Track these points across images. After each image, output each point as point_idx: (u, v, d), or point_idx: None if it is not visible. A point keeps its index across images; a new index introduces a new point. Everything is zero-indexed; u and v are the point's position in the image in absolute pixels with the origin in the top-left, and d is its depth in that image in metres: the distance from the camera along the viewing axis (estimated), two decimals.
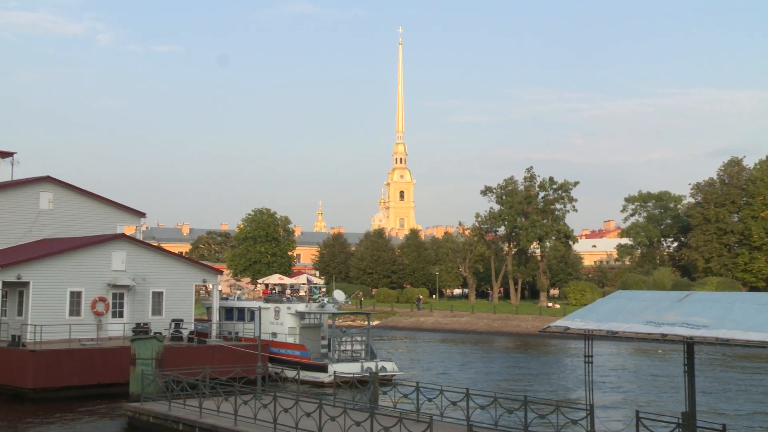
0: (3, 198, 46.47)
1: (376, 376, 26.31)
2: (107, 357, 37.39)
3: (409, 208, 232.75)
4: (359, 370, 39.46)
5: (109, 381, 36.36)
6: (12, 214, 46.16)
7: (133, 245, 44.50)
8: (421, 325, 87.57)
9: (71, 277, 41.19)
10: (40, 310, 39.85)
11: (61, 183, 48.44)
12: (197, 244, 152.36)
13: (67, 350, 37.23)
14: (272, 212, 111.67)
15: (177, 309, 44.53)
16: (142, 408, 28.11)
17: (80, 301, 41.48)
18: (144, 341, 32.73)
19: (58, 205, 47.86)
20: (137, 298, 43.44)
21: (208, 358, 38.19)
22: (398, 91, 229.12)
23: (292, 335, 44.37)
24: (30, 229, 46.47)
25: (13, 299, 40.78)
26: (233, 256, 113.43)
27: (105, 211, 49.78)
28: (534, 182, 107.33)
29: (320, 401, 22.11)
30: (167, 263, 45.59)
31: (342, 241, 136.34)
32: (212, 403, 25.58)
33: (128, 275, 42.98)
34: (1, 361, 37.31)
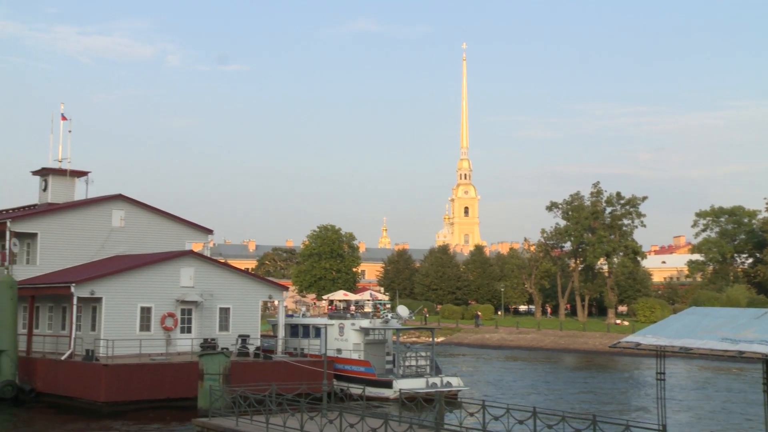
0: (78, 216, 47.81)
1: (442, 394, 26.12)
2: (176, 372, 37.97)
3: (474, 224, 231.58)
4: (424, 385, 39.28)
5: (177, 396, 36.89)
6: (86, 232, 47.42)
7: (201, 262, 45.21)
8: (486, 342, 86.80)
9: (142, 293, 42.03)
10: (112, 325, 40.73)
11: (132, 201, 49.61)
12: (263, 261, 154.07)
13: (137, 365, 37.96)
14: (337, 229, 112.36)
15: (243, 325, 45.03)
16: (210, 423, 28.41)
17: (150, 316, 42.28)
18: (211, 357, 33.20)
19: (130, 223, 48.99)
20: (205, 314, 44.08)
21: (273, 374, 38.45)
22: (462, 107, 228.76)
23: (357, 351, 44.41)
24: (103, 246, 47.65)
25: (87, 314, 41.79)
26: (298, 273, 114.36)
27: (174, 228, 50.76)
28: (601, 197, 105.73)
29: (386, 418, 22.03)
30: (234, 279, 46.17)
31: (406, 257, 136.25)
32: (279, 419, 25.71)
33: (196, 291, 43.65)
34: (76, 374, 38.25)
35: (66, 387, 38.58)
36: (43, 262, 45.99)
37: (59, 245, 46.52)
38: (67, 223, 47.22)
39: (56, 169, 51.80)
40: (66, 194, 51.64)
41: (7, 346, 40.30)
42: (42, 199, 51.93)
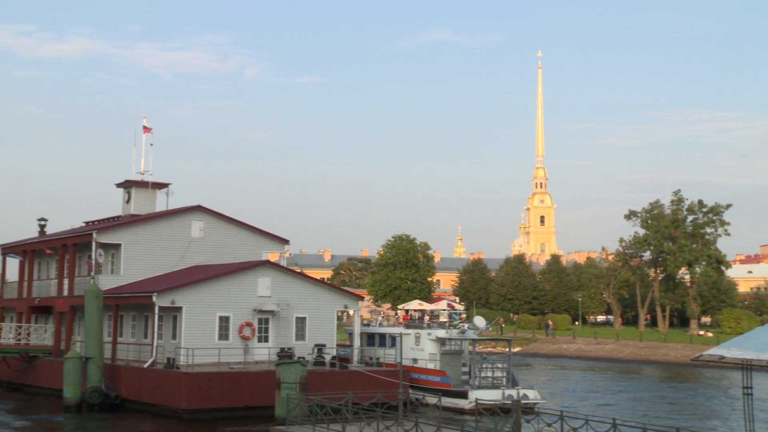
0: (159, 227, 49.03)
1: (519, 404, 25.82)
2: (254, 380, 38.48)
3: (550, 233, 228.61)
4: (500, 397, 38.88)
5: (255, 404, 37.38)
6: (167, 242, 48.57)
7: (278, 271, 45.78)
8: (563, 352, 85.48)
9: (220, 302, 42.78)
10: (191, 333, 41.55)
11: (210, 212, 50.60)
12: (338, 270, 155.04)
13: (217, 373, 38.62)
14: (412, 238, 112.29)
15: (320, 334, 45.38)
16: (287, 431, 28.71)
17: (228, 325, 42.96)
18: (288, 366, 33.53)
19: (208, 233, 49.97)
20: (281, 323, 44.59)
21: (349, 383, 38.61)
22: (538, 115, 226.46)
23: (433, 361, 44.27)
24: (183, 256, 48.72)
25: (168, 323, 42.75)
26: (374, 282, 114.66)
27: (251, 239, 51.54)
28: (682, 205, 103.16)
29: (462, 428, 21.88)
30: (310, 289, 46.58)
31: (482, 266, 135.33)
32: (355, 428, 25.81)
33: (273, 301, 44.20)
34: (158, 382, 39.16)
35: (148, 394, 39.53)
36: (127, 272, 47.29)
37: (142, 255, 47.75)
38: (149, 234, 48.45)
39: (138, 181, 53.24)
40: (148, 206, 53.02)
41: (94, 354, 41.53)
42: (125, 211, 53.43)
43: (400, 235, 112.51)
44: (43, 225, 57.82)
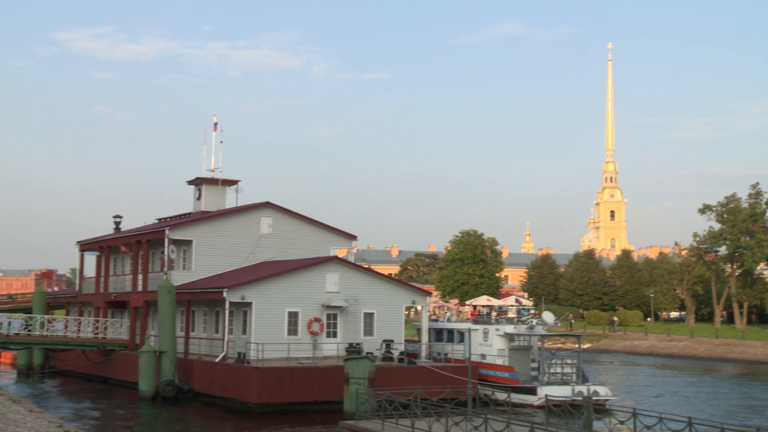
0: (229, 223, 49.78)
1: (590, 401, 25.41)
2: (323, 375, 38.78)
3: (621, 228, 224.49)
4: (570, 393, 38.35)
5: (324, 399, 37.64)
6: (237, 238, 49.28)
7: (346, 267, 45.99)
8: (635, 349, 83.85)
9: (289, 297, 43.20)
10: (261, 329, 42.07)
11: (279, 208, 51.14)
12: (406, 266, 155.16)
13: (286, 368, 39.03)
14: (479, 234, 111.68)
15: (388, 330, 45.45)
16: (357, 426, 28.83)
17: (297, 321, 43.36)
18: (357, 361, 33.67)
19: (277, 229, 50.52)
20: (349, 319, 44.79)
21: (418, 378, 38.60)
22: (608, 109, 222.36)
23: (501, 357, 43.94)
24: (252, 252, 49.37)
25: (238, 318, 43.39)
26: (441, 278, 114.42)
27: (319, 235, 51.91)
28: (760, 199, 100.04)
29: (532, 424, 21.65)
30: (378, 285, 46.71)
31: (550, 262, 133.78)
32: (424, 424, 25.77)
33: (341, 296, 44.43)
34: (230, 376, 39.79)
35: (220, 387, 40.20)
36: (198, 267, 48.15)
37: (212, 251, 48.56)
38: (220, 231, 49.23)
39: (209, 178, 54.14)
40: (218, 202, 53.88)
41: (167, 348, 42.44)
42: (196, 208, 54.40)
43: (468, 231, 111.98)
44: (118, 222, 59.31)
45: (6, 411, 22.83)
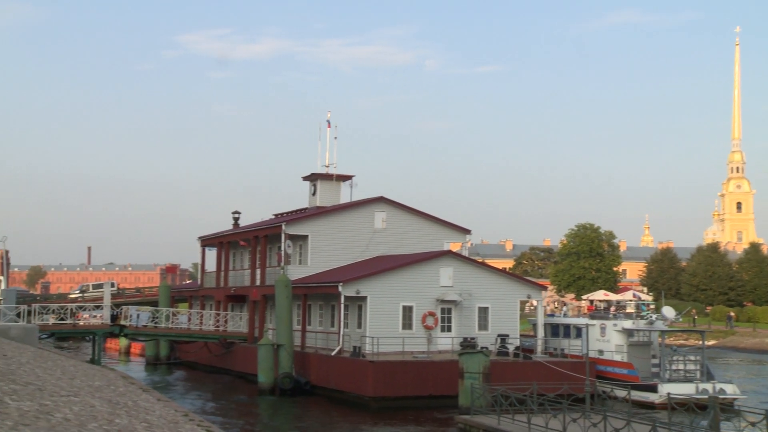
0: (343, 218, 50.43)
1: (717, 400, 24.39)
2: (437, 370, 38.76)
3: (748, 220, 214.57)
4: (694, 391, 36.93)
5: (439, 393, 37.62)
6: (351, 233, 49.87)
7: (460, 261, 45.81)
8: (766, 347, 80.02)
9: (403, 292, 43.38)
10: (376, 323, 42.43)
11: (393, 203, 51.41)
12: (520, 260, 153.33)
13: (401, 362, 39.23)
14: (596, 227, 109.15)
15: (502, 324, 45.03)
16: (472, 421, 28.70)
17: (412, 315, 43.51)
18: (471, 356, 33.48)
19: (391, 224, 50.80)
20: (464, 313, 44.60)
21: (533, 373, 38.06)
22: (734, 96, 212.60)
23: (620, 353, 42.80)
24: (366, 247, 49.83)
25: (353, 312, 43.90)
26: (557, 272, 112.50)
27: (433, 229, 51.89)
28: None
29: (654, 423, 20.95)
30: (492, 279, 46.31)
31: (671, 255, 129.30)
32: (540, 420, 25.40)
33: (455, 291, 44.28)
34: (346, 370, 40.32)
35: (336, 381, 40.78)
36: (314, 262, 49.00)
37: (327, 246, 49.31)
38: (334, 226, 49.93)
39: (324, 174, 54.97)
40: (332, 198, 54.64)
41: (285, 341, 43.39)
42: (311, 203, 55.35)
43: (584, 224, 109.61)
44: (237, 218, 61.02)
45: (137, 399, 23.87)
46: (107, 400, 21.06)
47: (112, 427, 15.59)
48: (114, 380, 29.87)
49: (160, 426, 18.45)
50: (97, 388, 24.15)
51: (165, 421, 19.84)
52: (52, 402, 16.78)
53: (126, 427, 16.41)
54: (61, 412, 15.57)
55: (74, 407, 17.09)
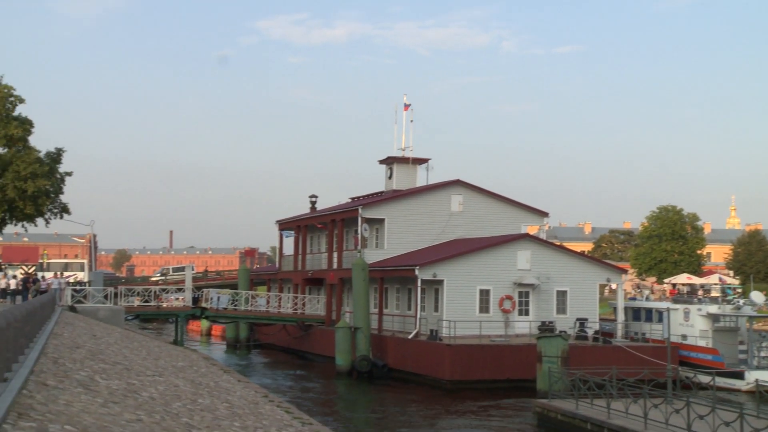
0: (420, 201, 50.39)
1: None
2: (515, 354, 38.50)
3: None
4: None
5: (517, 377, 37.38)
6: (427, 217, 49.81)
7: (538, 245, 45.31)
8: None
9: (480, 275, 43.15)
10: (453, 306, 42.34)
11: (470, 186, 51.10)
12: (599, 243, 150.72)
13: (478, 345, 39.10)
14: (678, 209, 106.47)
15: (581, 308, 44.40)
16: (550, 405, 28.41)
17: (488, 298, 43.28)
18: (549, 339, 33.13)
19: (468, 207, 50.53)
20: (542, 297, 44.13)
21: (613, 358, 37.41)
22: None
23: (704, 338, 41.73)
24: (443, 230, 49.71)
25: (430, 296, 43.89)
26: (637, 255, 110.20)
27: (510, 212, 51.42)
28: None
29: (741, 410, 20.33)
30: (570, 262, 45.68)
31: (760, 238, 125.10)
32: (620, 405, 24.95)
33: (533, 274, 43.84)
34: (422, 353, 40.40)
35: (413, 364, 40.89)
36: (390, 245, 49.13)
37: (404, 230, 49.37)
38: (411, 209, 49.94)
39: (400, 157, 54.98)
40: (409, 181, 54.63)
41: (362, 324, 43.70)
42: (388, 187, 55.45)
43: (666, 206, 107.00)
44: (314, 201, 61.60)
45: (218, 380, 24.41)
46: (190, 381, 21.58)
47: (195, 407, 15.97)
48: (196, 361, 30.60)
49: (240, 406, 18.82)
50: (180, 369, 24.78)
51: (245, 402, 20.22)
52: (138, 381, 17.29)
53: (208, 406, 16.79)
54: (147, 391, 16.02)
55: (159, 387, 17.57)
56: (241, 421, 15.95)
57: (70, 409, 10.92)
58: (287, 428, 17.12)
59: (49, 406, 10.61)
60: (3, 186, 45.94)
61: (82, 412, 11.00)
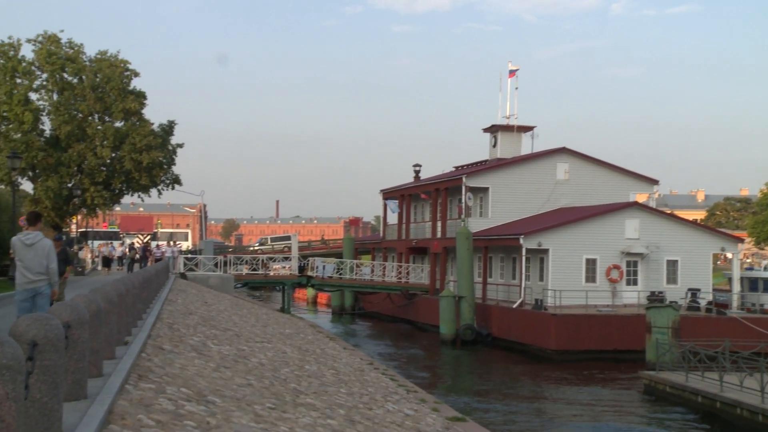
0: (524, 170, 49.75)
1: None
2: (623, 324, 37.76)
3: None
4: None
5: (624, 348, 36.69)
6: (533, 185, 49.15)
7: (647, 213, 44.12)
8: None
9: (586, 244, 42.38)
10: (558, 276, 41.79)
11: (576, 153, 50.10)
12: (713, 211, 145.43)
13: (585, 315, 38.53)
14: None
15: (693, 278, 43.07)
16: (658, 377, 27.79)
17: (595, 268, 42.49)
18: (659, 310, 32.31)
19: (574, 175, 49.59)
20: (651, 266, 43.03)
21: (727, 330, 36.18)
22: None
23: None
24: (548, 199, 48.98)
25: (535, 265, 43.43)
26: (755, 223, 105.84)
27: (618, 180, 50.22)
28: None
29: None
30: (682, 231, 44.30)
31: None
32: (734, 378, 24.15)
33: (642, 243, 42.76)
34: (527, 322, 40.12)
35: (517, 333, 40.66)
36: (494, 214, 48.79)
37: (508, 198, 48.90)
38: (515, 178, 49.38)
39: (504, 125, 54.36)
40: (513, 149, 53.99)
41: (466, 293, 43.68)
42: (492, 155, 54.95)
43: None
44: (418, 171, 61.67)
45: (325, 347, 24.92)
46: (297, 347, 22.11)
47: (302, 373, 16.36)
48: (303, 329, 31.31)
49: (346, 373, 19.16)
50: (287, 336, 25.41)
51: (351, 369, 20.58)
52: (248, 347, 17.83)
53: (315, 373, 17.16)
54: (257, 357, 16.50)
55: (268, 353, 18.07)
56: (347, 388, 16.25)
57: (185, 373, 11.37)
58: (392, 395, 17.34)
59: (166, 369, 11.07)
60: (120, 158, 47.86)
61: (196, 376, 11.43)
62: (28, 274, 11.01)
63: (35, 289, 11.05)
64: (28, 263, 11.05)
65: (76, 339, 7.59)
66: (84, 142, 47.70)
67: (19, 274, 11.14)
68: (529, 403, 27.64)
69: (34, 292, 11.06)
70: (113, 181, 49.00)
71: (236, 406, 10.10)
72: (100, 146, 47.52)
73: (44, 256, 11.09)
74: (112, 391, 8.05)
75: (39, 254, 11.08)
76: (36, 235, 11.22)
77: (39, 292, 11.08)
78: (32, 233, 11.24)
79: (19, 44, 47.63)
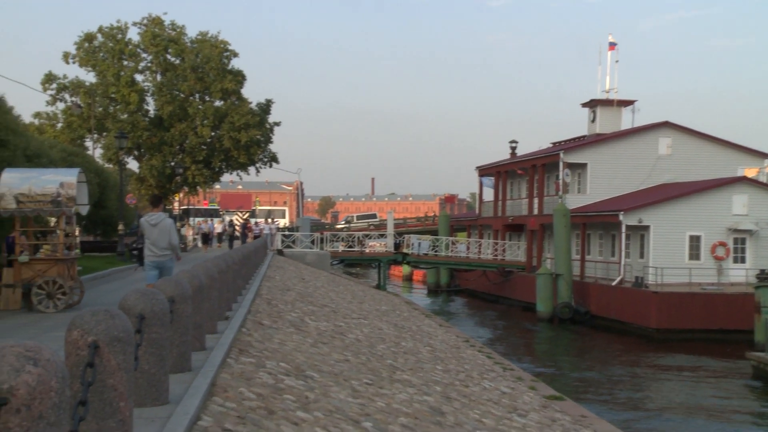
0: (625, 145, 48.46)
1: None
2: (729, 303, 36.51)
3: None
4: None
5: (731, 327, 35.49)
6: (633, 160, 47.85)
7: (756, 188, 42.36)
8: None
9: (690, 221, 41.05)
10: (660, 253, 40.63)
11: (679, 127, 48.50)
12: None
13: (688, 294, 37.41)
14: None
15: None
16: (766, 359, 26.75)
17: (699, 245, 41.13)
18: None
19: (677, 150, 48.05)
20: (761, 244, 41.35)
21: None
22: None
23: None
24: (649, 174, 47.61)
25: (635, 242, 42.35)
26: None
27: (724, 154, 48.40)
28: None
29: None
30: None
31: None
32: None
33: (750, 220, 41.11)
34: (627, 300, 39.23)
35: (617, 311, 39.81)
36: (593, 190, 47.76)
37: (607, 174, 47.76)
38: (615, 153, 48.17)
39: (603, 100, 53.06)
40: (613, 124, 52.66)
41: (563, 271, 43.00)
42: (590, 130, 53.74)
43: None
44: (514, 147, 60.93)
45: (420, 324, 24.96)
46: (393, 324, 22.21)
47: (398, 349, 16.41)
48: (398, 306, 31.45)
49: (442, 350, 19.13)
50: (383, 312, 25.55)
51: (447, 346, 20.54)
52: (344, 324, 17.99)
53: (411, 349, 17.19)
54: (353, 333, 16.64)
55: (364, 329, 18.20)
56: (443, 365, 16.22)
57: (283, 348, 11.54)
58: (489, 372, 17.22)
59: (265, 344, 11.26)
60: (220, 137, 48.99)
61: (295, 351, 11.59)
62: (155, 249, 12.74)
63: (162, 263, 12.82)
64: (154, 240, 12.70)
65: (180, 313, 7.78)
66: (185, 122, 48.99)
67: (147, 250, 12.84)
68: (626, 384, 27.04)
69: (161, 265, 12.80)
70: (213, 159, 50.21)
71: (334, 381, 10.18)
72: (200, 125, 48.73)
73: (167, 233, 12.75)
74: (214, 364, 8.24)
75: (163, 232, 12.71)
76: (159, 216, 12.84)
77: (165, 266, 12.86)
78: (155, 214, 12.85)
79: (126, 27, 49.19)
